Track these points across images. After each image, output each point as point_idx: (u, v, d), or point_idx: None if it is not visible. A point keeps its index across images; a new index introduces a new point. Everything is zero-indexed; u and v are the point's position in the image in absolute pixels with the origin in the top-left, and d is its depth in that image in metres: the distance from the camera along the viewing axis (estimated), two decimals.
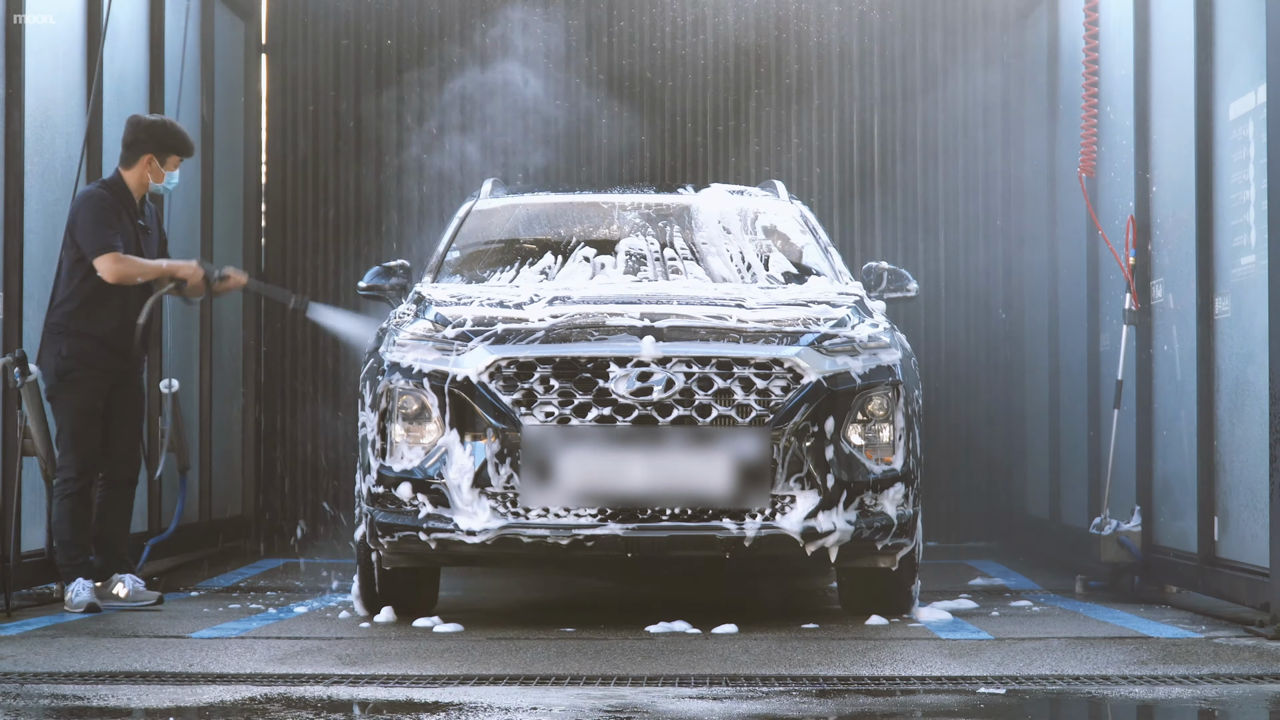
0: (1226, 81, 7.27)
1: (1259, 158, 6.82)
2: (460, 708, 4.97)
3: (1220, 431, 7.36)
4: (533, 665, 5.82)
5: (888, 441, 6.95)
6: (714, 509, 6.69)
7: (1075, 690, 5.37)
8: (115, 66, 8.66)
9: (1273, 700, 5.21)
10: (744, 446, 6.69)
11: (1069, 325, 10.01)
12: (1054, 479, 10.34)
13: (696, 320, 6.92)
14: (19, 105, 7.48)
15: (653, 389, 6.71)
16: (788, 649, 6.25)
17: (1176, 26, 7.88)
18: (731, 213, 8.29)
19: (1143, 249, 8.29)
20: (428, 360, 6.90)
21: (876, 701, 5.15)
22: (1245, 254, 7.01)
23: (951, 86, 11.60)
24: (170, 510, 9.19)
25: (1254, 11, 6.86)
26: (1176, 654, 6.12)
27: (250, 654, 6.12)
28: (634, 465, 6.67)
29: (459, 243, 8.20)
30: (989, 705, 5.06)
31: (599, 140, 11.59)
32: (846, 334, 7.01)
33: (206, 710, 4.94)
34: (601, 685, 5.41)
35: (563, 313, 7.00)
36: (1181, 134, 7.76)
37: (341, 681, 5.48)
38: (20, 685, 5.39)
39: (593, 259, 7.90)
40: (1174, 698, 5.24)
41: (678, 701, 5.09)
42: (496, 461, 6.70)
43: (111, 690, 5.30)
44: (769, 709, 4.97)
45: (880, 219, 11.57)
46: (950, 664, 5.86)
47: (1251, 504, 6.96)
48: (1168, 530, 8.06)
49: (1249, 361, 6.98)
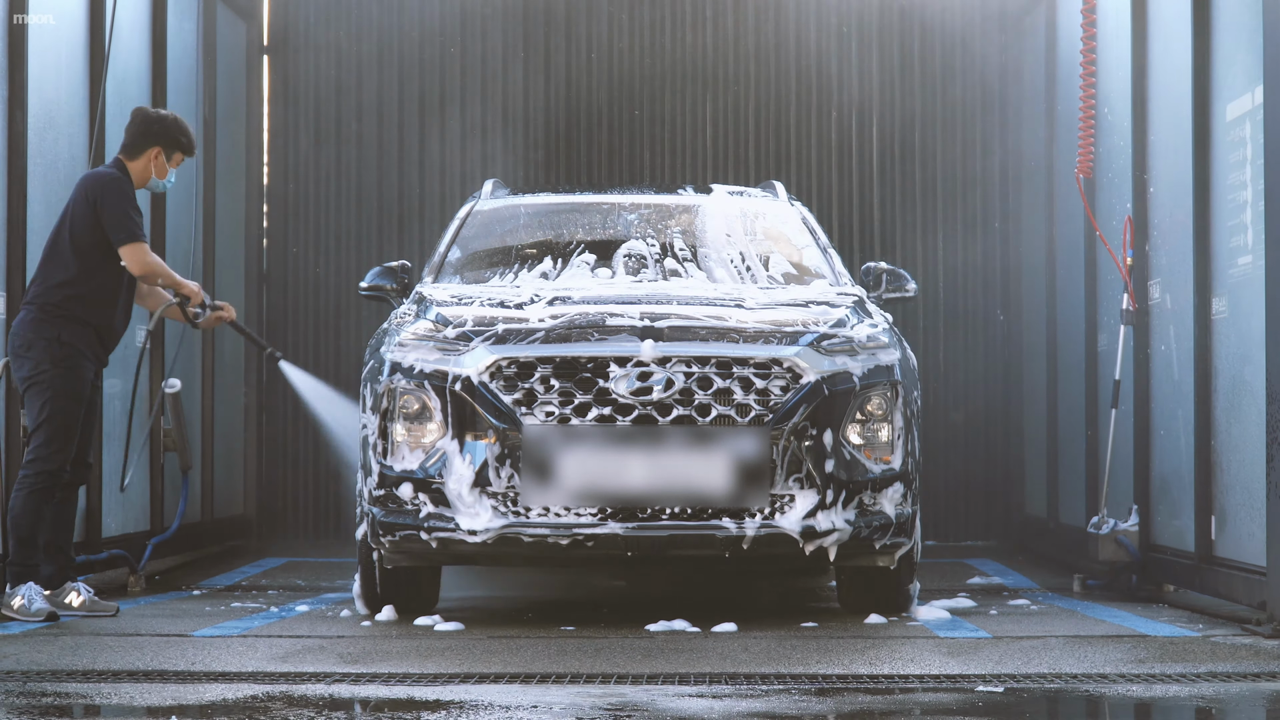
0: (1223, 83, 7.27)
1: (1256, 159, 6.82)
2: (461, 706, 4.97)
3: (1217, 431, 7.36)
4: (533, 664, 5.82)
5: (886, 441, 6.95)
6: (713, 508, 6.69)
7: (1073, 688, 5.37)
8: (117, 67, 8.66)
9: (1270, 698, 5.21)
10: (743, 446, 6.69)
11: (1067, 325, 10.01)
12: (1052, 478, 10.34)
13: (696, 320, 6.92)
14: (22, 106, 7.48)
15: (652, 389, 6.71)
16: (787, 647, 6.25)
17: (1174, 28, 7.88)
18: (731, 214, 8.29)
19: (1140, 249, 8.29)
20: (429, 360, 6.90)
21: (875, 700, 5.15)
22: (1242, 254, 7.01)
23: (950, 88, 11.60)
24: (172, 509, 9.20)
25: (1251, 13, 6.87)
26: (1174, 652, 6.12)
27: (252, 652, 6.12)
28: (634, 465, 6.67)
29: (460, 243, 8.20)
30: (987, 703, 5.06)
31: (599, 141, 11.59)
32: (845, 334, 7.02)
33: (209, 708, 4.94)
34: (601, 683, 5.41)
35: (563, 313, 7.00)
36: (1179, 135, 7.76)
37: (343, 680, 5.48)
38: (23, 684, 5.39)
39: (593, 260, 7.91)
40: (1171, 696, 5.24)
41: (677, 700, 5.09)
42: (497, 461, 6.71)
43: (114, 688, 5.30)
44: (768, 707, 4.97)
45: (879, 220, 11.57)
46: (948, 662, 5.86)
47: (1248, 503, 6.96)
48: (1165, 529, 8.06)
49: (1246, 362, 6.98)
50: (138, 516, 8.95)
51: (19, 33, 7.44)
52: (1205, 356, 7.45)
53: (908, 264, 11.29)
